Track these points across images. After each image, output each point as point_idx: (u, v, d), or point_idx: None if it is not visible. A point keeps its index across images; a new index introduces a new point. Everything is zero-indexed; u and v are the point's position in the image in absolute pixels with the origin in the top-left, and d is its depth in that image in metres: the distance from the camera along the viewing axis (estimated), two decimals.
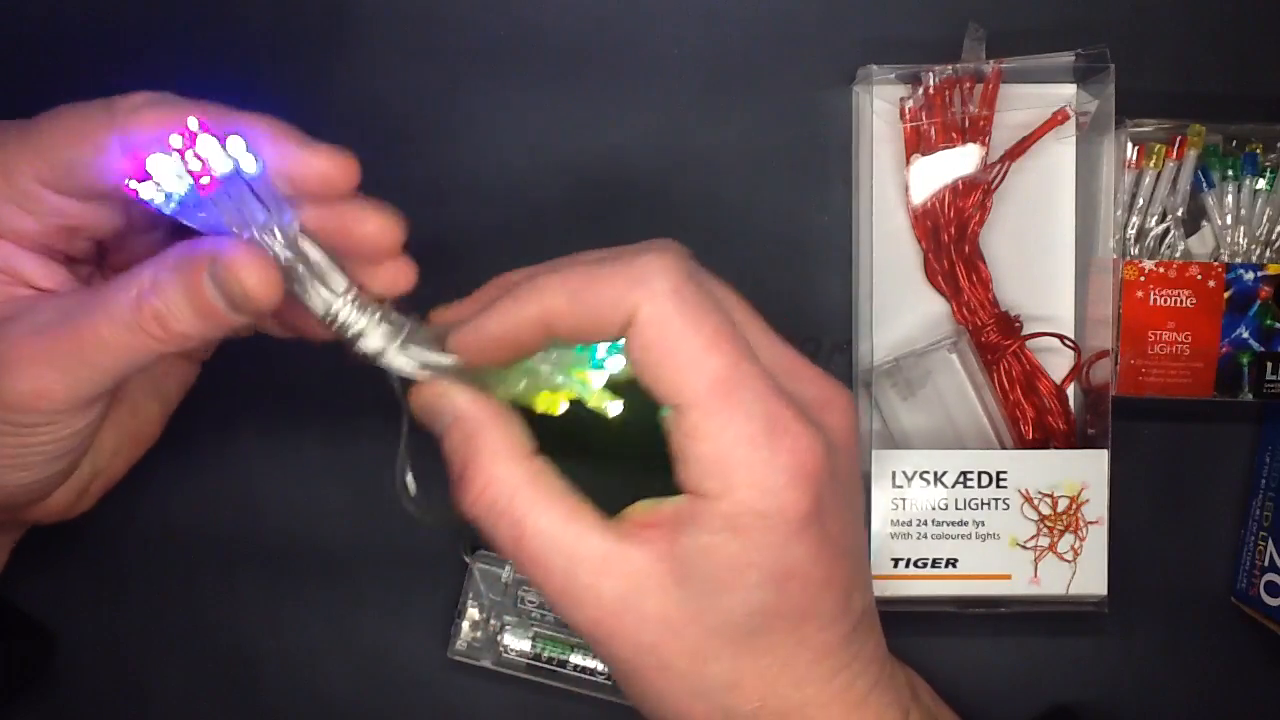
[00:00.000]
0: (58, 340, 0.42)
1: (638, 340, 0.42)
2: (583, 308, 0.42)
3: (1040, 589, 0.57)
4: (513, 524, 0.43)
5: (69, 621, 0.60)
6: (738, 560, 0.42)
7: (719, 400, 0.41)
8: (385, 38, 0.59)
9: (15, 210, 0.44)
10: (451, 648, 0.59)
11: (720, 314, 0.42)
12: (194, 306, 0.42)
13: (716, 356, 0.41)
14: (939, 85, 0.57)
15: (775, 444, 0.42)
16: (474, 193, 0.60)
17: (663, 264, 0.42)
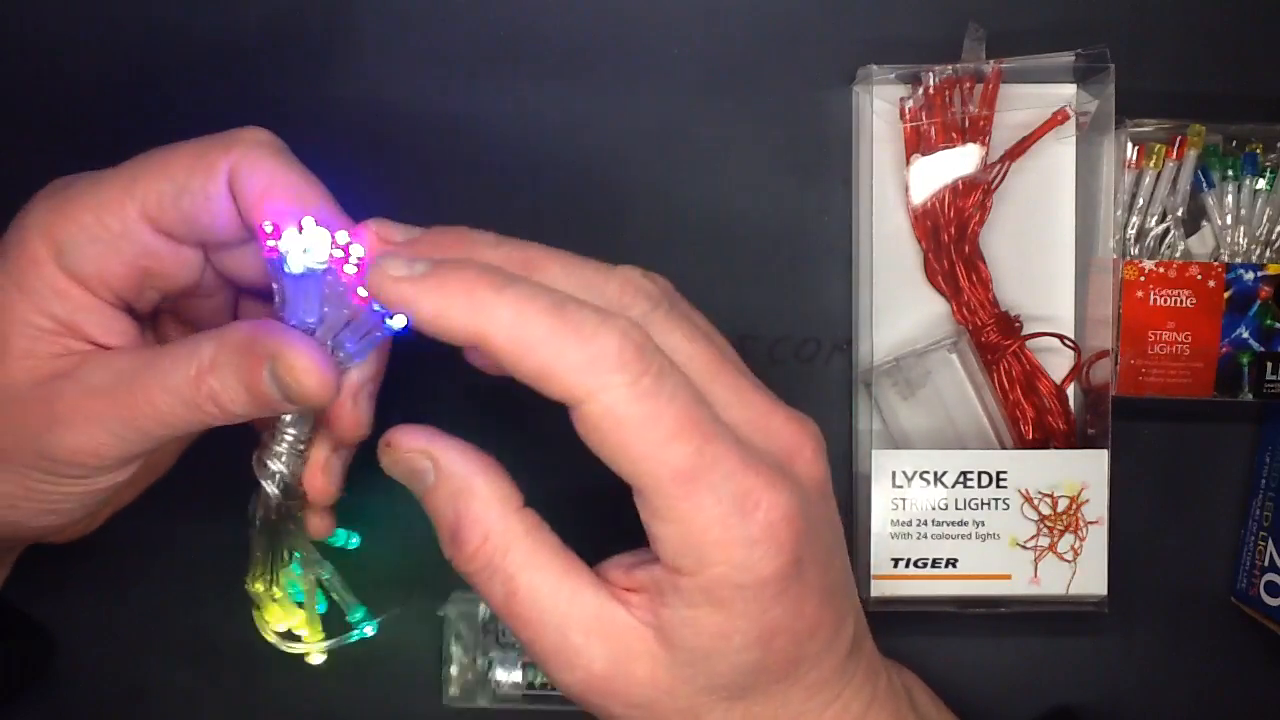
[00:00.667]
0: (113, 405, 0.43)
1: (590, 426, 0.40)
2: (528, 366, 0.39)
3: (1040, 589, 0.57)
4: (505, 581, 0.43)
5: (69, 621, 0.60)
6: (721, 629, 0.42)
7: (685, 489, 0.40)
8: (385, 38, 0.59)
9: (103, 250, 0.43)
10: (445, 695, 0.59)
11: (683, 397, 0.40)
12: (250, 392, 0.42)
13: (679, 445, 0.40)
14: (939, 85, 0.57)
15: (747, 519, 0.40)
16: (473, 192, 0.60)
17: (620, 349, 0.39)
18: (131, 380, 0.43)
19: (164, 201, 0.43)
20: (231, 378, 0.42)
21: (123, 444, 0.43)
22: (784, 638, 0.43)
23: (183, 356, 0.42)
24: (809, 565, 0.42)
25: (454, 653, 0.59)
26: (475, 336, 0.39)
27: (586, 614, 0.42)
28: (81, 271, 0.43)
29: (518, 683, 0.59)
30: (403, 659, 0.60)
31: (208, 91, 0.49)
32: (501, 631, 0.59)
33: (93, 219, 0.43)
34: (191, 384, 0.42)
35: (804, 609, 0.43)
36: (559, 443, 0.41)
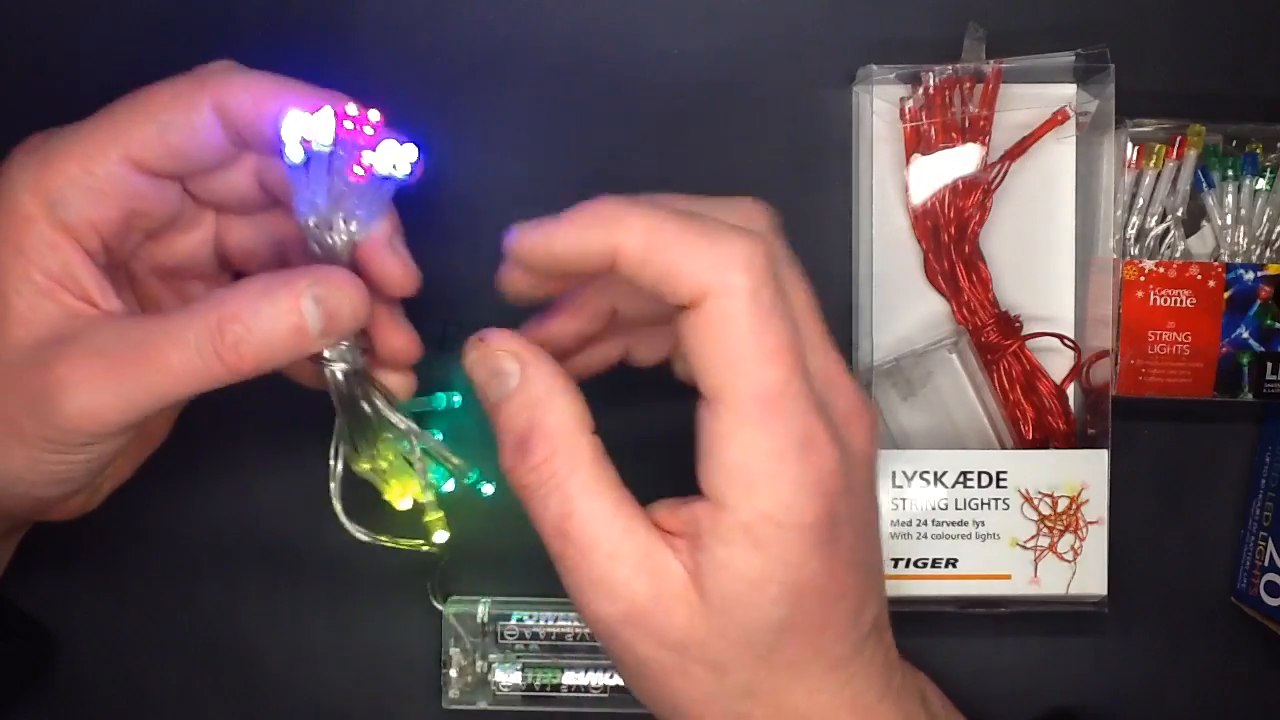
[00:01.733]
0: (121, 364, 0.43)
1: (700, 325, 0.41)
2: (655, 265, 0.41)
3: (1040, 589, 0.57)
4: (563, 501, 0.43)
5: (69, 621, 0.60)
6: (758, 575, 0.42)
7: (762, 411, 0.41)
8: (385, 38, 0.59)
9: (92, 198, 0.44)
10: (445, 698, 0.59)
11: (789, 323, 0.41)
12: (285, 328, 0.43)
13: (773, 369, 0.41)
14: (939, 85, 0.57)
15: (804, 461, 0.41)
16: (473, 192, 0.59)
17: (749, 254, 0.40)
18: (142, 339, 0.43)
19: (149, 142, 0.44)
20: (264, 317, 0.43)
21: (127, 407, 0.43)
22: (814, 597, 0.43)
23: (199, 310, 0.43)
24: (845, 528, 0.43)
25: (453, 655, 0.59)
26: (610, 250, 0.41)
27: (637, 549, 0.42)
28: (72, 222, 0.44)
29: (517, 684, 0.59)
30: (402, 662, 0.60)
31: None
32: (500, 633, 0.59)
33: (79, 169, 0.43)
34: (213, 332, 0.42)
35: (835, 569, 0.43)
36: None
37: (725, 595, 0.42)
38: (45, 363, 0.43)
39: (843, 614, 0.44)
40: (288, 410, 0.57)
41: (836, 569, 0.43)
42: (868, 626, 0.45)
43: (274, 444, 0.60)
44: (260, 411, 0.59)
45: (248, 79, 0.45)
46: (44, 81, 0.59)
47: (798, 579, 0.42)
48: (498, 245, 0.58)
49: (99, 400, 0.42)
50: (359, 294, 0.44)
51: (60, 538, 0.55)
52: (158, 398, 0.43)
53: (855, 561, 0.44)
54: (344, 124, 0.43)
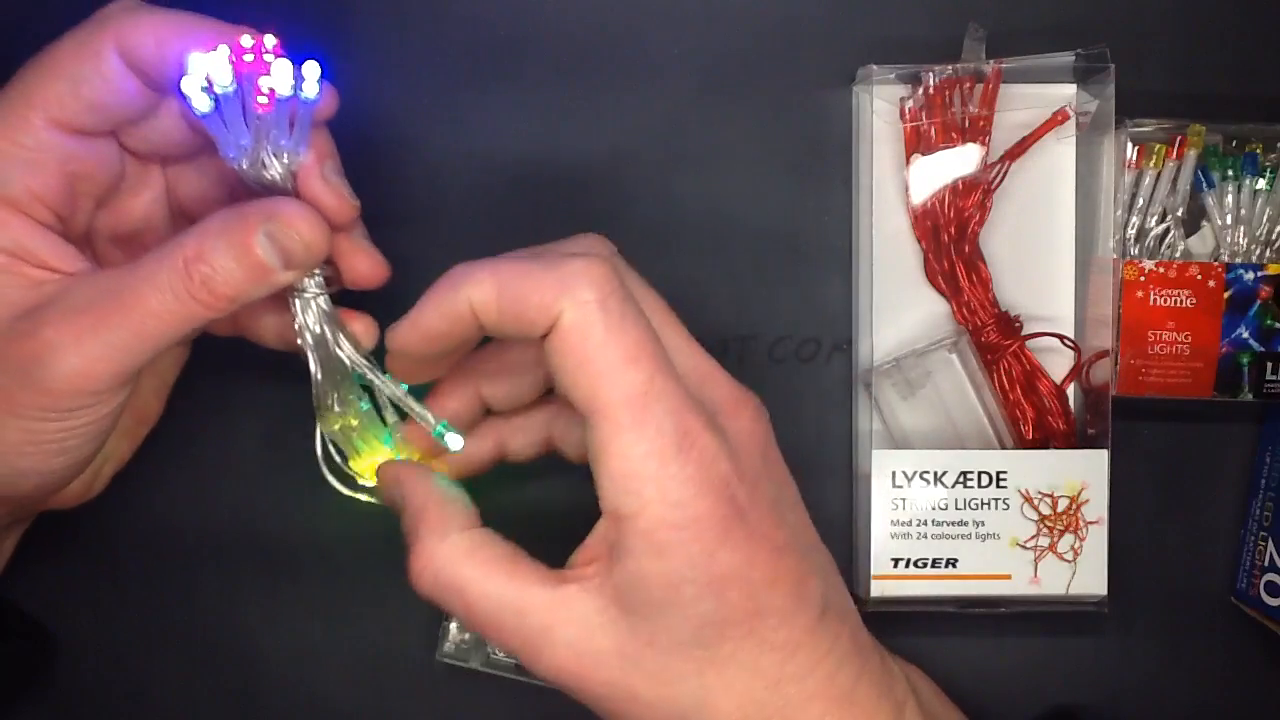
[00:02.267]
0: (103, 316, 0.43)
1: (559, 345, 0.42)
2: (509, 304, 0.43)
3: (1040, 589, 0.56)
4: (458, 594, 0.45)
5: (69, 621, 0.59)
6: (669, 579, 0.43)
7: (632, 414, 0.42)
8: (384, 37, 0.59)
9: (25, 168, 0.44)
10: (440, 650, 0.59)
11: (642, 326, 0.43)
12: (245, 267, 0.44)
13: (634, 370, 0.42)
14: (939, 85, 0.57)
15: (683, 456, 0.42)
16: (473, 193, 0.59)
17: (590, 272, 0.42)
18: (119, 289, 0.43)
19: (64, 100, 0.44)
20: (223, 256, 0.43)
21: (119, 358, 0.43)
22: (737, 587, 0.43)
23: (166, 253, 0.44)
24: (752, 513, 0.44)
25: None
26: (467, 308, 0.43)
27: (540, 604, 0.44)
28: (13, 195, 0.44)
29: None
30: (406, 606, 0.59)
31: None
32: None
33: (7, 142, 0.44)
34: (181, 275, 0.43)
35: (756, 557, 0.43)
36: None
37: (645, 605, 0.43)
38: (27, 332, 0.43)
39: (780, 598, 0.44)
40: (287, 410, 0.58)
41: (756, 555, 0.43)
42: (817, 608, 0.45)
43: (274, 444, 0.59)
44: (259, 411, 0.59)
45: (147, 19, 0.44)
46: None
47: (711, 572, 0.43)
48: (498, 242, 0.58)
49: (89, 355, 0.43)
50: (310, 226, 0.45)
51: (60, 537, 0.56)
52: (147, 343, 0.44)
53: (780, 544, 0.44)
54: (241, 59, 0.43)
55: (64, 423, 0.45)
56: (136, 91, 0.45)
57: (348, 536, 0.59)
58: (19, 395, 0.43)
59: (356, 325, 0.50)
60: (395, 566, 0.58)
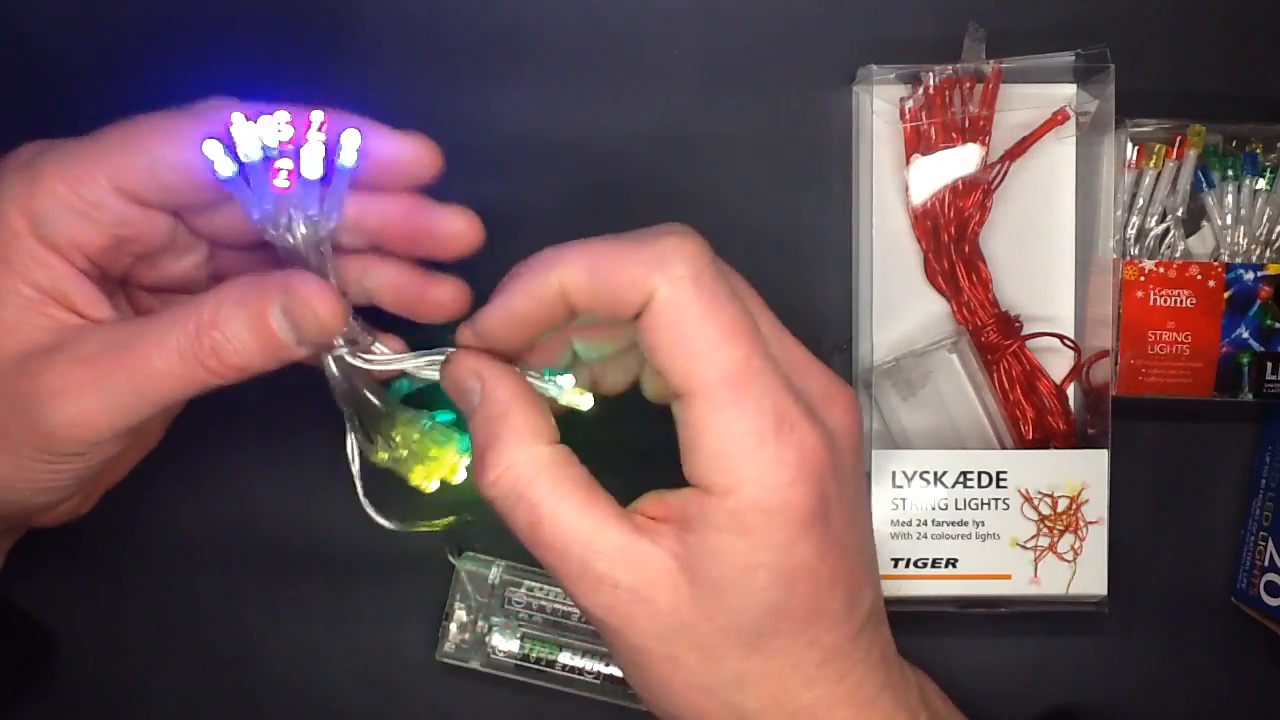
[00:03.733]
0: (106, 369, 0.42)
1: (653, 323, 0.41)
2: (601, 283, 0.42)
3: (1040, 589, 0.56)
4: (529, 509, 0.43)
5: (69, 621, 0.59)
6: (746, 560, 0.42)
7: (730, 393, 0.41)
8: (385, 38, 0.59)
9: (78, 220, 0.44)
10: (440, 650, 0.59)
11: (738, 304, 0.42)
12: (258, 339, 0.43)
13: (732, 348, 0.41)
14: (939, 85, 0.57)
15: (782, 440, 0.41)
16: (472, 193, 0.57)
17: (684, 248, 0.41)
18: (126, 344, 0.43)
19: (138, 174, 0.44)
20: (237, 325, 0.43)
21: (118, 412, 0.43)
22: (806, 583, 0.43)
23: (180, 316, 0.43)
24: (835, 511, 0.43)
25: (458, 611, 0.59)
26: (557, 291, 0.42)
27: (610, 544, 0.43)
28: (59, 241, 0.44)
29: (513, 652, 0.58)
30: (406, 606, 0.60)
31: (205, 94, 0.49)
32: (507, 599, 0.59)
33: (67, 190, 0.43)
34: (192, 339, 0.42)
35: (827, 554, 0.43)
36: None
37: (714, 580, 0.42)
38: (33, 372, 0.43)
39: (837, 601, 0.44)
40: (288, 410, 0.58)
41: (828, 553, 0.43)
42: (864, 616, 0.45)
43: (274, 444, 0.59)
44: (260, 411, 0.59)
45: None
46: (41, 79, 0.59)
47: (787, 563, 0.42)
48: (499, 244, 0.58)
49: (87, 406, 0.42)
50: (327, 304, 0.43)
51: (60, 537, 0.55)
52: (146, 402, 0.43)
53: (847, 547, 0.44)
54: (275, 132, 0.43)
55: (54, 465, 0.44)
56: (212, 187, 0.44)
57: (348, 537, 0.59)
58: (16, 432, 0.43)
59: (443, 290, 0.49)
60: (395, 567, 0.59)
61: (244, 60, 0.58)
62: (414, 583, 0.59)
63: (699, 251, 0.42)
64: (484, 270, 0.56)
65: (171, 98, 0.53)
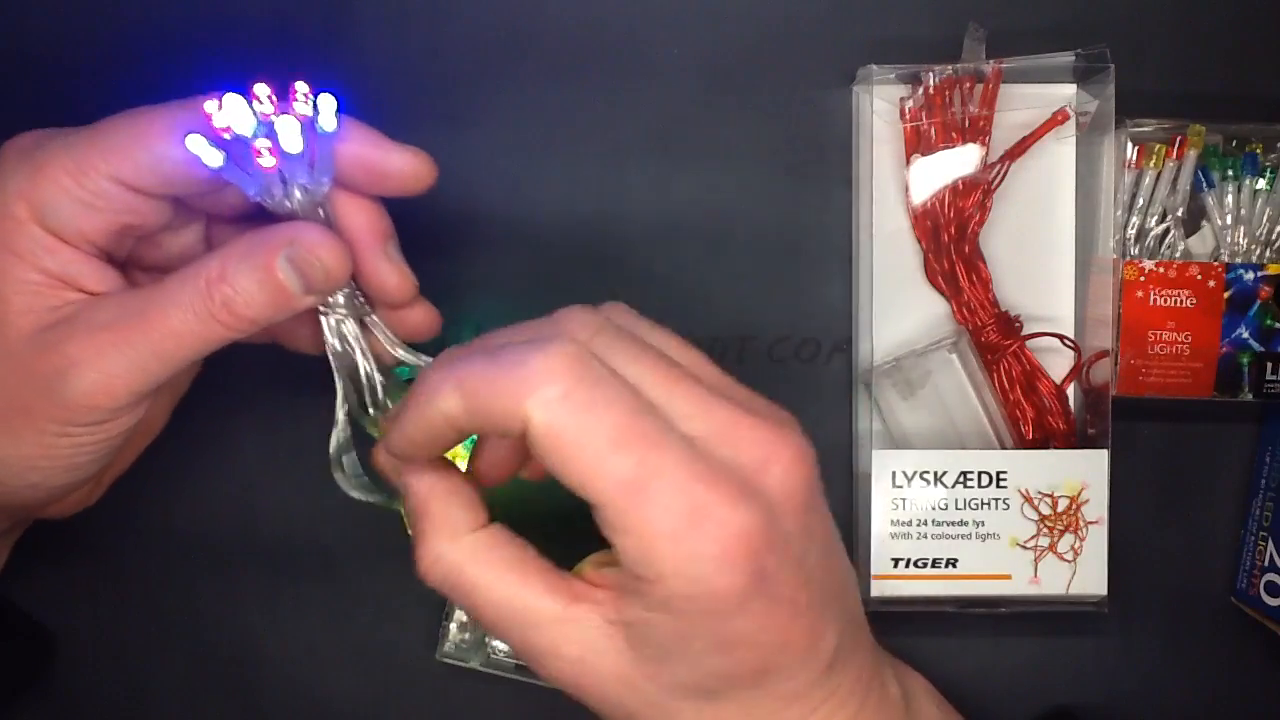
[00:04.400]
0: (125, 334, 0.43)
1: (538, 445, 0.40)
2: (478, 415, 0.40)
3: (1040, 589, 0.56)
4: (464, 596, 0.44)
5: (69, 621, 0.59)
6: (680, 634, 0.42)
7: (630, 500, 0.39)
8: (385, 38, 0.59)
9: (83, 210, 0.44)
10: (440, 650, 0.58)
11: (622, 406, 0.40)
12: (267, 290, 0.44)
13: (621, 456, 0.39)
14: (939, 85, 0.56)
15: (697, 534, 0.39)
16: (472, 193, 0.59)
17: (551, 366, 0.39)
18: (141, 308, 0.44)
19: (140, 168, 0.44)
20: (245, 278, 0.44)
21: (139, 375, 0.44)
22: (747, 649, 0.42)
23: (190, 275, 0.44)
24: (779, 580, 0.41)
25: (458, 611, 0.58)
26: (444, 419, 0.41)
27: (546, 619, 0.43)
28: (64, 230, 0.44)
29: (511, 652, 0.58)
30: (406, 606, 0.59)
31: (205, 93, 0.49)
32: None
33: (71, 182, 0.43)
34: (204, 295, 0.43)
35: (770, 623, 0.42)
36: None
37: (655, 647, 0.42)
38: (52, 345, 0.43)
39: (789, 658, 0.43)
40: (288, 410, 0.58)
41: (771, 623, 0.42)
42: (826, 660, 0.44)
43: (274, 444, 0.59)
44: (260, 411, 0.59)
45: None
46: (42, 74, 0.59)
47: (724, 637, 0.41)
48: (499, 243, 0.58)
49: (109, 371, 0.43)
50: (332, 252, 0.45)
51: (60, 537, 0.55)
52: (166, 360, 0.44)
53: (798, 608, 0.42)
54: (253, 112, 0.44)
55: (79, 438, 0.45)
56: (213, 178, 0.45)
57: (348, 536, 0.59)
58: (39, 408, 0.44)
59: (416, 314, 0.49)
60: (395, 566, 0.58)
61: (244, 60, 0.57)
62: (414, 583, 0.56)
63: (567, 365, 0.39)
64: (483, 268, 0.57)
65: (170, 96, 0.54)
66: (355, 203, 0.47)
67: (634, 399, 0.40)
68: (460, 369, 0.41)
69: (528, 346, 0.40)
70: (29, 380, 0.43)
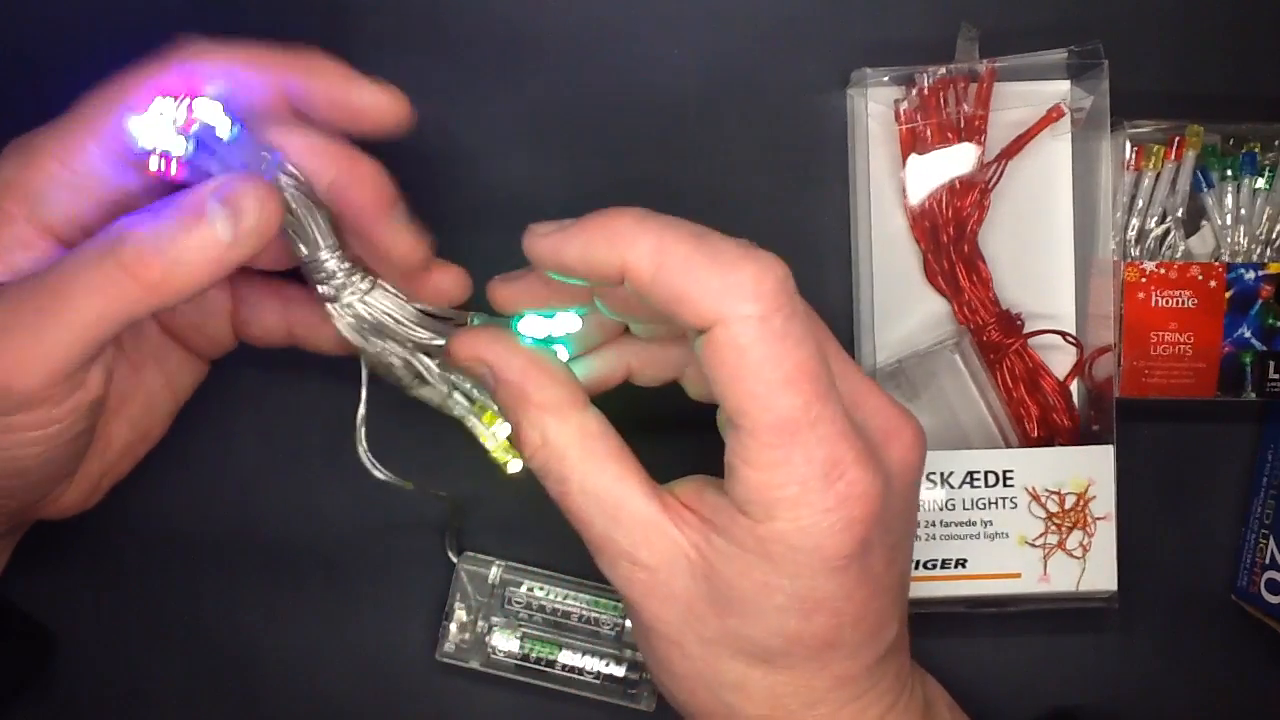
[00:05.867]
0: (27, 301, 0.40)
1: (713, 353, 0.38)
2: (664, 291, 0.38)
3: (1050, 586, 0.55)
4: (558, 481, 0.42)
5: (69, 621, 0.58)
6: (765, 581, 0.40)
7: (782, 438, 0.38)
8: (385, 38, 0.58)
9: (75, 195, 0.42)
10: (440, 649, 0.57)
11: (805, 349, 0.38)
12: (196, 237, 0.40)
13: (791, 395, 0.38)
14: (933, 86, 0.55)
15: (828, 488, 0.39)
16: (471, 193, 0.58)
17: (761, 283, 0.38)
18: (47, 279, 0.40)
19: (124, 134, 0.42)
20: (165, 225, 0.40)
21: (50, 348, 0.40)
22: (826, 614, 0.41)
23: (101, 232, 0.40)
24: (875, 553, 0.41)
25: (458, 610, 0.57)
26: (619, 267, 0.39)
27: (634, 519, 0.41)
28: (54, 221, 0.42)
29: (513, 652, 0.57)
30: (407, 606, 0.58)
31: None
32: (507, 599, 0.57)
33: (59, 166, 0.42)
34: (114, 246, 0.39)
35: (857, 593, 0.41)
36: None
37: (730, 586, 0.41)
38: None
39: (857, 635, 0.42)
40: (288, 410, 0.57)
41: (857, 594, 0.41)
42: (884, 648, 0.43)
43: (274, 444, 0.58)
44: (261, 411, 0.58)
45: (213, 60, 0.43)
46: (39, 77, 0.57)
47: (810, 595, 0.40)
48: (497, 242, 0.56)
49: (18, 348, 0.39)
50: (265, 190, 0.40)
51: (60, 538, 0.55)
52: (81, 332, 0.40)
53: (882, 585, 0.42)
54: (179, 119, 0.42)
55: (8, 435, 0.41)
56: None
57: (348, 537, 0.58)
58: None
59: (441, 278, 0.47)
60: (395, 567, 0.58)
61: None
62: (414, 583, 0.58)
63: (776, 289, 0.38)
64: (482, 272, 0.55)
65: None
66: (355, 172, 0.44)
67: (817, 345, 0.39)
68: (666, 233, 0.39)
69: (741, 249, 0.38)
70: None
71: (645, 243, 0.38)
